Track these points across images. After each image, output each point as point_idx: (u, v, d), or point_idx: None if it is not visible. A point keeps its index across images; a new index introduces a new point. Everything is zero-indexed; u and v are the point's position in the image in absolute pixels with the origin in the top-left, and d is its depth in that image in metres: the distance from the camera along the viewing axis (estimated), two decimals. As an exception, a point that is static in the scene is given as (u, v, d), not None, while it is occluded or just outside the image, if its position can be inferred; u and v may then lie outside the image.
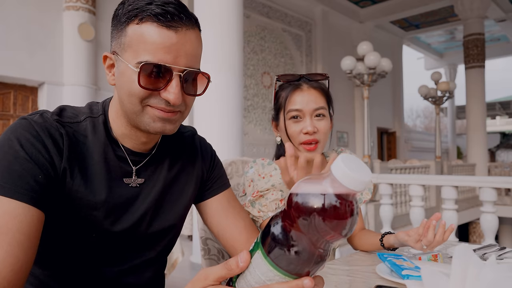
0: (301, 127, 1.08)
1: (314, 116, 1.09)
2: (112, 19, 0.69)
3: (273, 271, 0.41)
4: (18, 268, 0.56)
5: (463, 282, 0.52)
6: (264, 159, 1.20)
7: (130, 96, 0.66)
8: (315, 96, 1.09)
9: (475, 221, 8.67)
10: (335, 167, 0.38)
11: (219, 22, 3.30)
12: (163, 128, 0.69)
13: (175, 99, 0.65)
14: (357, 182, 0.37)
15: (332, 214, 0.37)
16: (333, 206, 0.37)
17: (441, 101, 8.96)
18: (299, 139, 1.09)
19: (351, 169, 0.37)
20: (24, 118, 0.66)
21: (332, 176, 0.38)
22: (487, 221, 3.08)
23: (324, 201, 0.37)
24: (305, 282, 0.40)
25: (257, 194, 1.10)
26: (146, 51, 0.63)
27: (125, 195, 0.74)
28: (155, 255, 0.82)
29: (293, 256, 0.39)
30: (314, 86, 1.11)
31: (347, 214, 0.38)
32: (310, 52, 9.11)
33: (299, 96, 1.10)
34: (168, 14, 0.63)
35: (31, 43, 5.18)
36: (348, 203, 0.38)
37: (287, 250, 0.40)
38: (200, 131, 1.04)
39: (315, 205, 0.38)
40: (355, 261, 1.09)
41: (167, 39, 0.63)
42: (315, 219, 0.37)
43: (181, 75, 0.65)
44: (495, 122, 20.70)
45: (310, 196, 0.38)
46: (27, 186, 0.60)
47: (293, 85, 1.12)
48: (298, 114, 1.09)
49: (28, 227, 0.58)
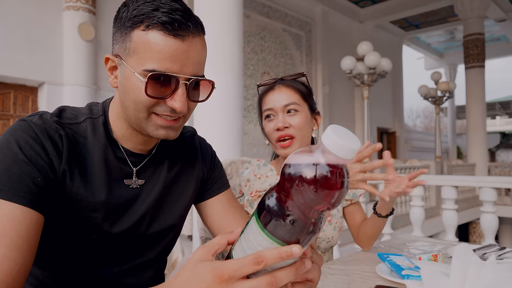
0: (274, 124, 1.10)
1: (286, 112, 1.10)
2: (115, 20, 0.69)
3: (264, 237, 0.42)
4: (16, 271, 0.56)
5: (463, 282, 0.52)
6: (260, 160, 1.21)
7: (136, 103, 0.66)
8: (286, 93, 1.11)
9: (475, 221, 8.67)
10: (325, 137, 0.39)
11: (219, 22, 3.30)
12: (166, 135, 0.70)
13: (181, 108, 0.65)
14: (346, 150, 0.38)
15: (324, 183, 0.38)
16: (324, 175, 0.39)
17: (441, 101, 8.97)
18: (273, 136, 1.11)
19: (341, 138, 0.38)
20: (23, 120, 0.66)
21: (323, 146, 0.39)
22: (487, 221, 3.07)
23: (316, 170, 0.39)
24: (293, 250, 0.40)
25: (255, 194, 1.11)
26: (152, 59, 0.63)
27: (125, 196, 0.74)
28: (155, 255, 0.81)
29: (285, 224, 0.41)
30: (286, 84, 1.13)
31: (338, 183, 0.39)
32: (310, 52, 9.11)
33: (271, 96, 1.13)
34: (176, 23, 0.62)
35: (31, 43, 5.18)
36: (339, 172, 0.39)
37: (281, 219, 0.41)
38: (200, 131, 1.04)
39: (308, 175, 0.39)
40: (355, 261, 1.09)
41: (174, 48, 0.63)
42: (307, 188, 0.38)
43: (187, 84, 0.65)
44: (495, 122, 20.70)
45: (302, 166, 0.39)
46: (26, 189, 0.59)
47: (267, 87, 1.16)
48: (270, 112, 1.12)
49: (26, 230, 0.58)
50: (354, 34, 10.33)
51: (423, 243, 1.31)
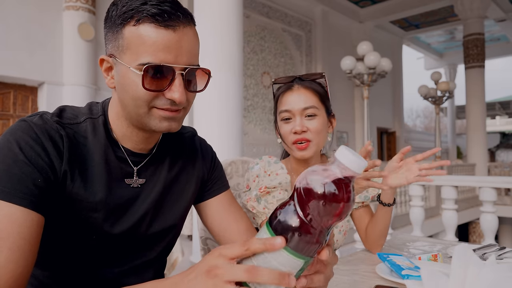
0: (291, 127, 1.08)
1: (304, 116, 1.08)
2: (105, 21, 0.68)
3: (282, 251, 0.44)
4: (18, 274, 0.55)
5: (463, 282, 0.52)
6: (271, 157, 1.20)
7: (135, 99, 0.66)
8: (305, 95, 1.09)
9: (475, 221, 8.67)
10: (340, 155, 0.44)
11: (219, 22, 3.29)
12: (169, 127, 0.69)
13: (180, 98, 0.65)
14: (359, 165, 0.43)
15: (343, 196, 0.43)
16: (344, 189, 0.43)
17: (441, 101, 8.96)
18: (290, 139, 1.09)
19: (355, 155, 0.44)
20: (23, 120, 0.65)
21: (339, 163, 0.44)
22: (487, 221, 3.08)
23: (338, 186, 0.43)
24: (277, 240, 0.43)
25: (264, 190, 1.10)
26: (146, 53, 0.63)
27: (126, 196, 0.74)
28: (155, 255, 0.81)
29: (303, 237, 0.43)
30: (305, 85, 1.10)
31: (351, 196, 0.44)
32: (310, 52, 9.11)
33: (289, 96, 1.10)
34: (165, 14, 0.63)
35: (31, 43, 5.18)
36: (352, 185, 0.44)
37: (295, 231, 0.43)
38: (200, 131, 1.04)
39: (330, 191, 0.43)
40: (355, 261, 1.09)
41: (167, 39, 0.63)
42: (326, 202, 0.42)
43: (183, 74, 0.65)
44: (495, 122, 20.70)
45: (323, 182, 0.43)
46: (27, 190, 0.59)
47: (285, 86, 1.13)
48: (288, 114, 1.10)
49: (28, 231, 0.58)
50: (354, 34, 10.33)
51: (423, 243, 1.31)
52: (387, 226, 1.14)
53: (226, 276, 0.43)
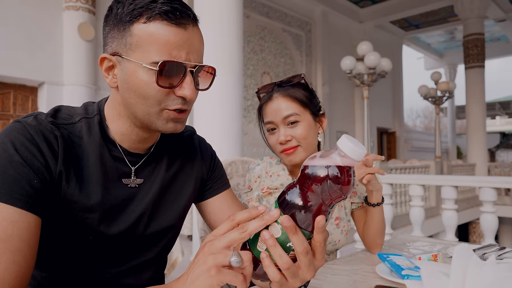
0: (276, 137, 1.09)
1: (287, 124, 1.07)
2: (108, 19, 0.67)
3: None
4: (21, 275, 0.55)
5: (463, 282, 0.52)
6: (272, 158, 1.21)
7: (145, 98, 0.65)
8: (285, 103, 1.07)
9: (475, 221, 8.67)
10: (342, 143, 0.48)
11: (219, 22, 3.30)
12: (174, 128, 0.69)
13: (192, 95, 0.66)
14: (358, 153, 0.48)
15: (339, 180, 0.47)
16: (339, 174, 0.48)
17: (441, 101, 8.97)
18: (277, 149, 1.10)
19: (354, 144, 0.48)
20: (18, 121, 0.65)
21: (340, 151, 0.48)
22: (487, 221, 3.07)
23: (334, 170, 0.48)
24: (259, 208, 0.52)
25: (266, 190, 1.11)
26: (159, 51, 0.62)
27: (122, 196, 0.73)
28: (154, 255, 0.81)
29: (305, 214, 0.50)
30: (284, 94, 1.09)
31: (352, 179, 0.49)
32: (310, 52, 9.10)
33: (269, 107, 1.10)
34: (177, 11, 0.63)
35: (31, 43, 5.18)
36: (352, 170, 0.49)
37: (301, 208, 0.49)
38: (200, 131, 1.04)
39: (333, 173, 0.48)
40: (355, 261, 1.09)
41: (179, 37, 0.63)
42: (327, 185, 0.47)
43: (193, 71, 0.66)
44: (495, 122, 20.71)
45: (327, 166, 0.48)
46: (22, 191, 0.58)
47: (266, 96, 1.13)
48: (271, 125, 1.10)
49: (27, 233, 0.57)
50: (354, 34, 10.33)
51: (423, 243, 1.31)
52: (382, 224, 1.13)
53: (221, 242, 0.50)
